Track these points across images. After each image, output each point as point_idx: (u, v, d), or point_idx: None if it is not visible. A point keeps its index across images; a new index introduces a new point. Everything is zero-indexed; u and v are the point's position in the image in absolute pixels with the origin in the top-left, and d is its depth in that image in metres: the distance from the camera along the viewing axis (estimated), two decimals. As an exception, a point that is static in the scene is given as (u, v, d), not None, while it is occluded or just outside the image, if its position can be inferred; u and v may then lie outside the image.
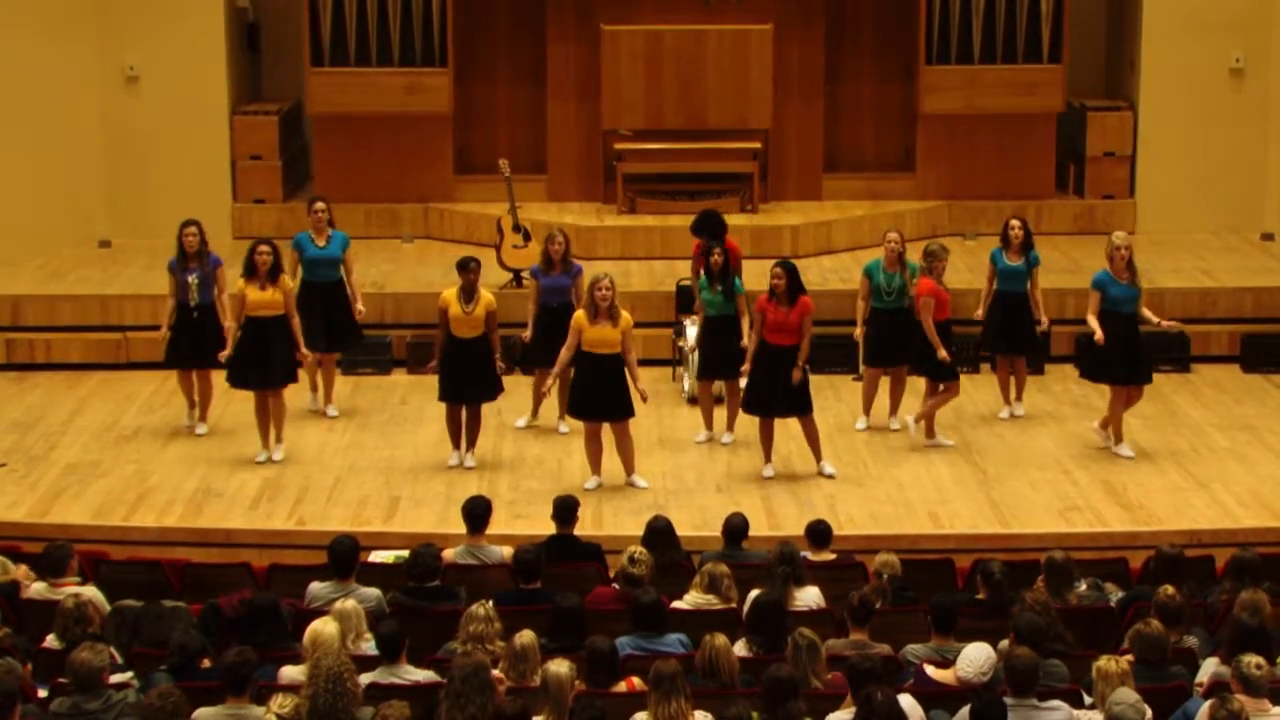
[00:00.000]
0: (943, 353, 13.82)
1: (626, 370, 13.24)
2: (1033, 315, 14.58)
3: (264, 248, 13.78)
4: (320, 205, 14.82)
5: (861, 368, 14.95)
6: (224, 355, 13.91)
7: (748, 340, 13.77)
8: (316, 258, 14.69)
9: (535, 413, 14.69)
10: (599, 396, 13.26)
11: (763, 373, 13.46)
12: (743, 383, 13.88)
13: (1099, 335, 13.68)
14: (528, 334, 14.38)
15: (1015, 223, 14.60)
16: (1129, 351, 13.82)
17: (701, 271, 14.34)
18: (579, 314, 13.25)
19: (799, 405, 13.54)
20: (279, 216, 18.75)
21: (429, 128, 18.71)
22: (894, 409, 14.69)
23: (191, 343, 14.30)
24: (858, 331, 14.42)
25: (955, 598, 10.23)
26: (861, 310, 14.40)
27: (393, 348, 16.01)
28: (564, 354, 13.33)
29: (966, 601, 10.41)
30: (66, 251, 18.12)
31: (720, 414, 14.42)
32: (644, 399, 13.38)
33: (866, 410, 14.66)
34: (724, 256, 14.12)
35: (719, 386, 14.47)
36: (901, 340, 14.28)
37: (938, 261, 13.94)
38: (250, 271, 13.73)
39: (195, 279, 14.21)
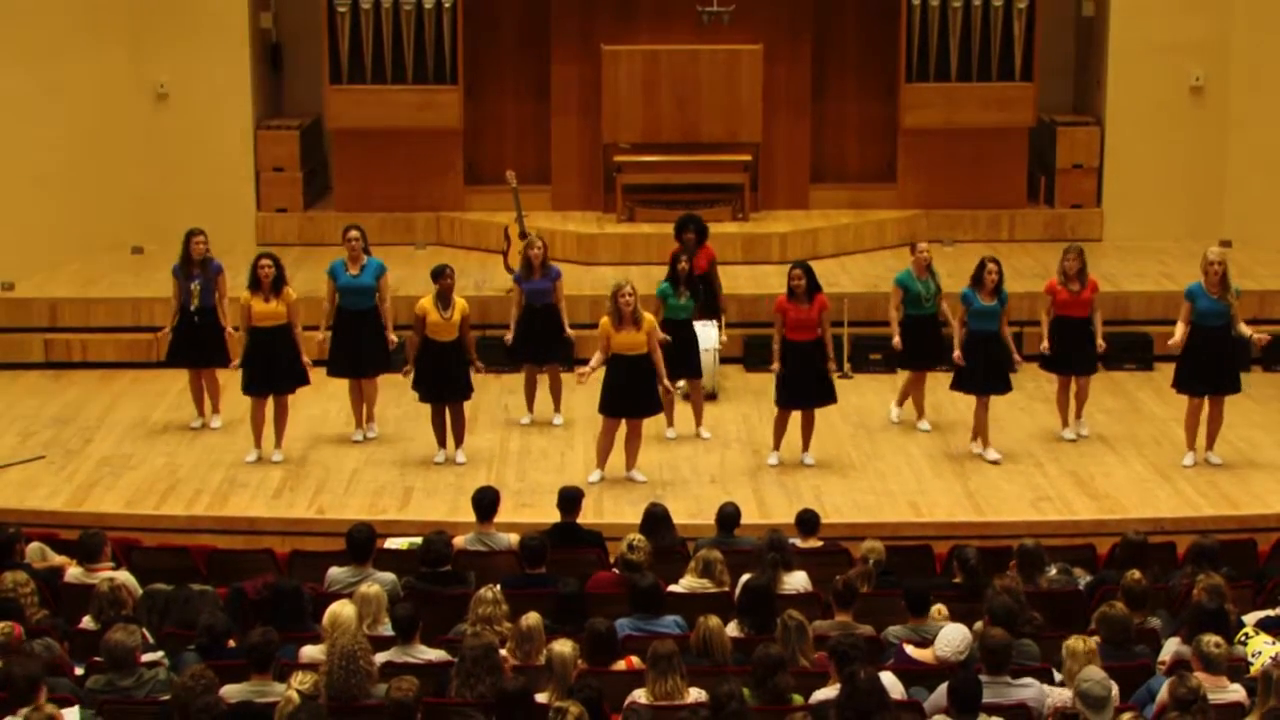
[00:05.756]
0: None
1: (655, 369, 13.28)
2: (1007, 354, 13.86)
3: (265, 261, 13.61)
4: (354, 234, 14.23)
5: (885, 371, 14.92)
6: (235, 364, 13.81)
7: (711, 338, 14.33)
8: (349, 286, 14.13)
9: (530, 407, 14.73)
10: (630, 395, 13.27)
11: (792, 369, 13.48)
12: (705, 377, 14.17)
13: (1175, 340, 13.41)
14: (509, 336, 14.41)
15: (993, 266, 13.66)
16: (1213, 366, 13.39)
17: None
18: (604, 320, 13.24)
19: (829, 394, 13.63)
20: (300, 225, 18.80)
21: (440, 141, 18.70)
22: (920, 412, 14.63)
23: (192, 343, 14.23)
24: (895, 340, 14.33)
25: (927, 582, 10.22)
26: (895, 320, 14.29)
27: (404, 348, 15.96)
28: (596, 356, 13.32)
29: (943, 585, 10.41)
30: (101, 257, 18.11)
31: (685, 411, 14.44)
32: (668, 393, 13.50)
33: (901, 404, 14.69)
34: (690, 264, 14.15)
35: (684, 385, 14.52)
36: (935, 343, 14.22)
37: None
38: (254, 284, 13.59)
39: (198, 285, 14.14)
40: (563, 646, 8.71)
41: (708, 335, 14.79)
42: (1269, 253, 18.19)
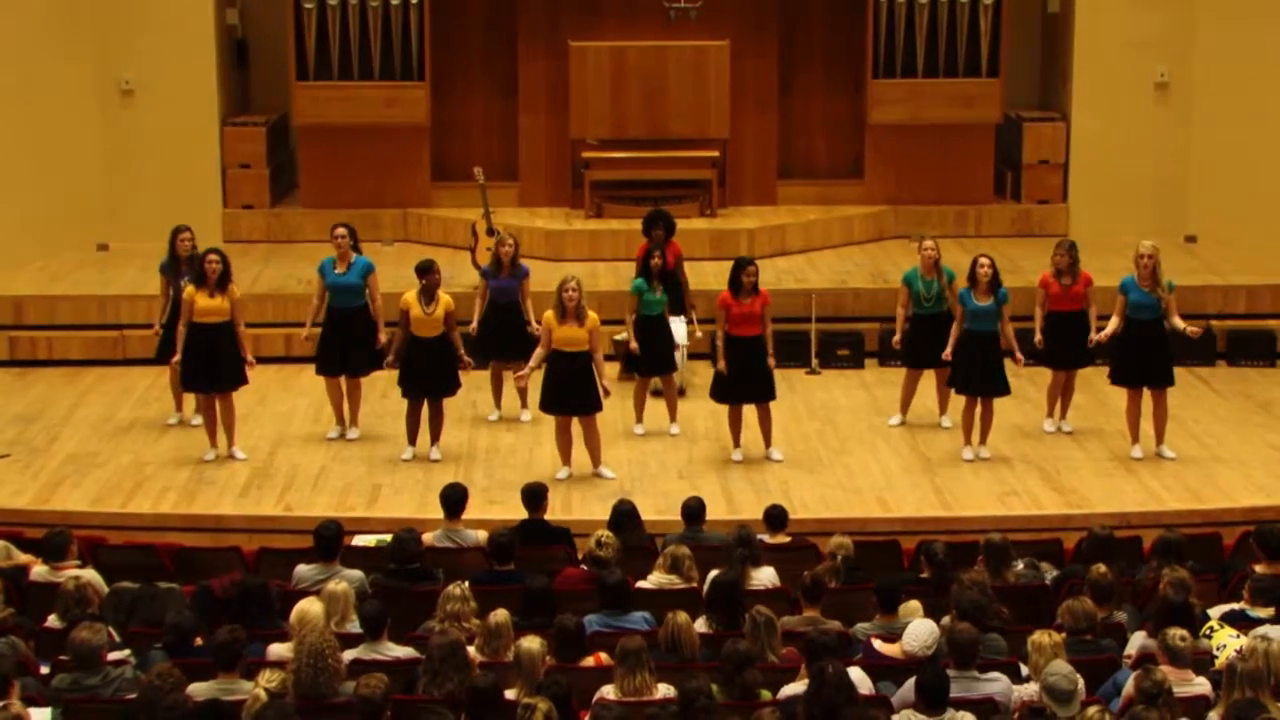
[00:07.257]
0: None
1: (594, 367, 13.22)
2: (1000, 354, 13.67)
3: (213, 256, 13.47)
4: (341, 231, 14.15)
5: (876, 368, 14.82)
6: (175, 359, 13.67)
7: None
8: (336, 284, 14.03)
9: (498, 403, 14.72)
10: (568, 392, 13.22)
11: (736, 364, 13.47)
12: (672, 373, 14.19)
13: (1105, 334, 13.54)
14: (473, 327, 14.38)
15: (984, 260, 13.47)
16: (1143, 358, 13.50)
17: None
18: (549, 314, 13.23)
19: (769, 391, 13.58)
20: (266, 222, 18.76)
21: (407, 138, 18.67)
22: (943, 408, 14.51)
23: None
24: (896, 338, 14.38)
25: (897, 579, 10.23)
26: (900, 317, 14.26)
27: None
28: (538, 351, 13.31)
29: (911, 580, 10.43)
30: (66, 254, 18.03)
31: (656, 407, 14.43)
32: (606, 394, 13.34)
33: (904, 409, 14.56)
34: (664, 260, 14.16)
35: (655, 381, 14.51)
36: (941, 343, 13.92)
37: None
38: (199, 279, 13.47)
39: (187, 281, 14.10)
40: (531, 643, 8.71)
41: (678, 331, 14.78)
42: (1233, 248, 18.27)
